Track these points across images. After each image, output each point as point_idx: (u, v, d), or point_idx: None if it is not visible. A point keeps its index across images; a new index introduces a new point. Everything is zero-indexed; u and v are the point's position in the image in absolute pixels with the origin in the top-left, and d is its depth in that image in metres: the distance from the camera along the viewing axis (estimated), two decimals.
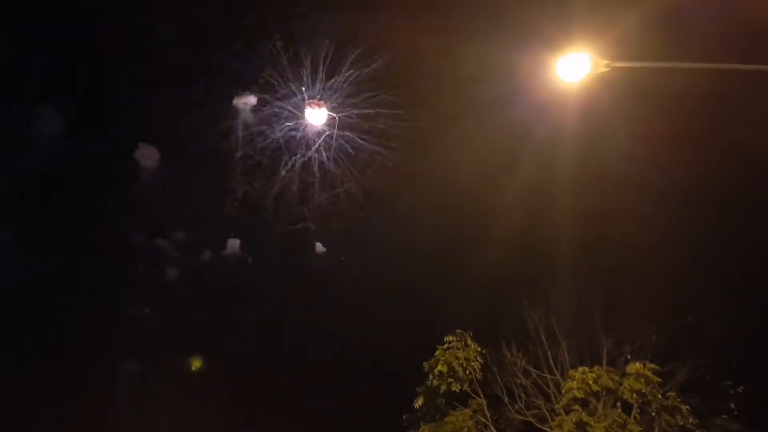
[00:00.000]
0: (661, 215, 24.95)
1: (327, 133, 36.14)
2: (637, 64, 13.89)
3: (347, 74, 35.56)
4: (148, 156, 36.13)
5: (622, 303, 22.62)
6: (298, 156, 35.96)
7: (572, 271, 24.37)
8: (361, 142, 35.80)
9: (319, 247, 35.97)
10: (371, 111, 35.53)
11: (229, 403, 31.40)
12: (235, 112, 35.81)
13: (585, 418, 19.52)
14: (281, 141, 35.84)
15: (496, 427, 21.82)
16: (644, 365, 20.05)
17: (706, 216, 24.15)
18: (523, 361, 22.67)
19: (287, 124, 35.64)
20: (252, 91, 35.96)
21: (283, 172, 36.03)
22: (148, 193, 36.05)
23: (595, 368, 20.50)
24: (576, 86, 13.19)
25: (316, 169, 35.74)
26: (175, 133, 35.45)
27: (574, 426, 19.40)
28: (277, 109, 35.75)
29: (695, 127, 23.22)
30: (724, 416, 21.27)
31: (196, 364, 32.20)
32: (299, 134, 35.92)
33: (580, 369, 20.43)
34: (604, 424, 19.29)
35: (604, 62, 12.80)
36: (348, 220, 35.12)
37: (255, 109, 35.62)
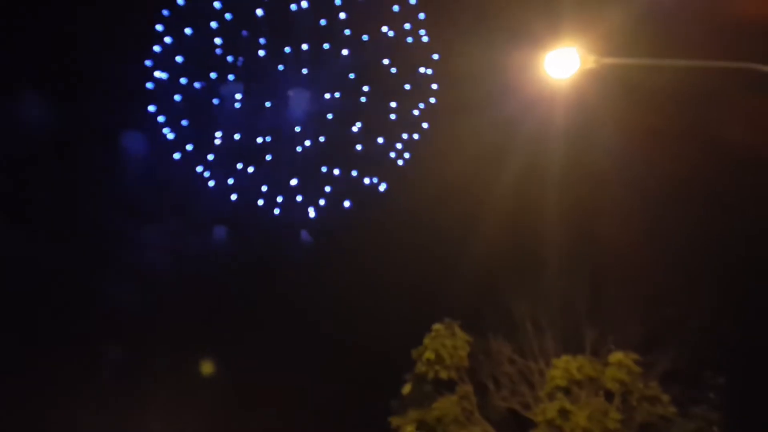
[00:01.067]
0: (646, 209, 25.40)
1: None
2: (626, 61, 14.07)
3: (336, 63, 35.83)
4: (130, 141, 36.17)
5: (606, 294, 22.99)
6: (288, 144, 36.05)
7: (558, 263, 24.77)
8: None
9: (306, 235, 36.05)
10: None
11: (214, 388, 31.38)
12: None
13: (568, 405, 19.88)
14: (270, 129, 36.04)
15: (481, 414, 22.14)
16: (626, 355, 20.44)
17: (689, 210, 24.61)
18: (509, 350, 23.01)
19: (271, 112, 35.92)
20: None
21: (274, 159, 36.14)
22: (131, 178, 35.89)
23: (579, 357, 20.88)
24: (564, 82, 13.35)
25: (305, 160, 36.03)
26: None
27: (557, 413, 19.76)
28: (259, 98, 36.04)
29: (681, 123, 23.61)
30: (704, 406, 21.64)
31: (207, 368, 31.72)
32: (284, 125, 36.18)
33: (564, 358, 20.80)
34: (586, 412, 19.64)
35: (593, 58, 12.98)
36: (336, 211, 35.41)
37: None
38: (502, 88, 23.74)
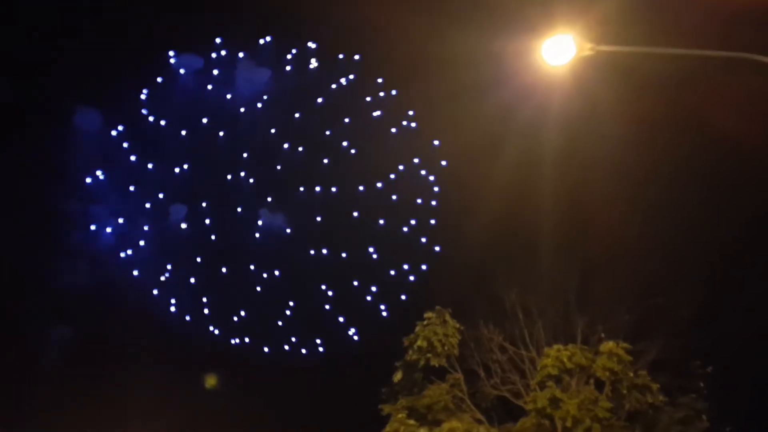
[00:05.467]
0: (636, 200, 25.42)
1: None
2: (622, 48, 13.96)
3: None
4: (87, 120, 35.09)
5: (596, 283, 23.06)
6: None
7: (550, 252, 24.79)
8: None
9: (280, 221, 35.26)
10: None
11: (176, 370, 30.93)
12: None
13: (558, 394, 19.92)
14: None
15: (472, 401, 22.22)
16: (617, 344, 20.51)
17: (680, 199, 24.63)
18: (500, 338, 23.06)
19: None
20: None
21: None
22: (85, 159, 34.90)
23: (570, 346, 20.92)
24: (560, 69, 13.26)
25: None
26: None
27: (548, 402, 19.79)
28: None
29: (675, 110, 23.57)
30: (692, 395, 21.80)
31: (210, 382, 31.27)
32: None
33: (555, 347, 20.84)
34: (577, 400, 19.68)
35: (589, 45, 12.87)
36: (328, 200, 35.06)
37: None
38: (498, 75, 23.59)
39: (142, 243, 34.37)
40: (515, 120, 25.25)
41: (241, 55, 35.50)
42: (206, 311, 33.62)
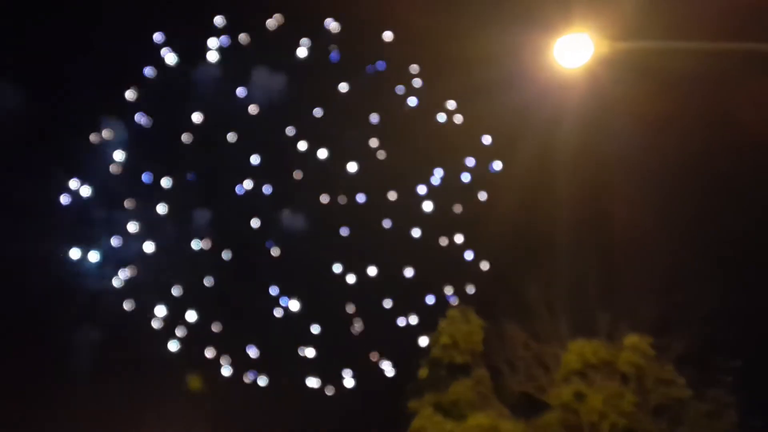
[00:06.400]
0: (658, 193, 25.30)
1: None
2: (640, 45, 13.94)
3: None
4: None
5: (619, 278, 23.03)
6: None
7: (571, 247, 24.78)
8: None
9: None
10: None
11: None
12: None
13: (583, 389, 20.03)
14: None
15: (497, 397, 22.36)
16: (641, 338, 20.50)
17: (701, 193, 24.47)
18: (524, 334, 23.12)
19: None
20: None
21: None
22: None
23: (593, 341, 20.97)
24: (577, 68, 13.30)
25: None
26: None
27: (572, 397, 19.92)
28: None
29: (694, 107, 23.44)
30: (719, 389, 21.62)
31: (194, 383, 29.68)
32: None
33: (579, 342, 20.90)
34: (602, 395, 19.77)
35: (606, 42, 12.90)
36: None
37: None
38: (514, 74, 23.61)
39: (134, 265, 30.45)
40: (533, 118, 25.27)
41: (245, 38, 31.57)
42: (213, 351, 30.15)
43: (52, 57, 29.88)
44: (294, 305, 30.48)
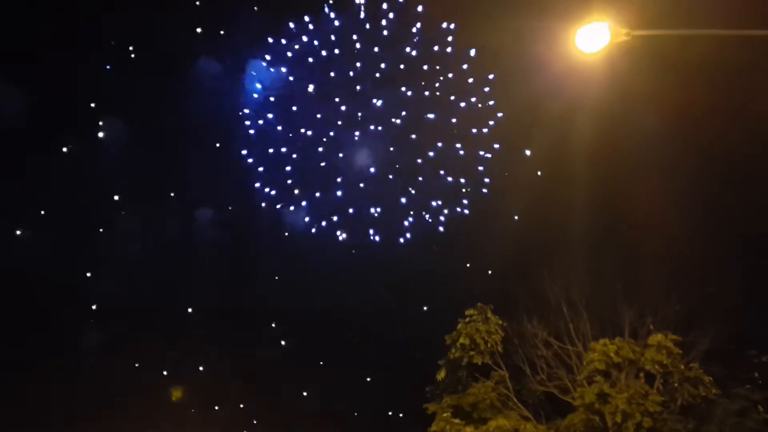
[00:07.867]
0: (681, 186, 24.75)
1: None
2: (658, 32, 13.61)
3: None
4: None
5: (642, 274, 22.49)
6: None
7: (593, 243, 24.29)
8: None
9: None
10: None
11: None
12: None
13: (606, 389, 19.51)
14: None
15: (518, 398, 21.91)
16: (665, 336, 19.97)
17: (727, 187, 23.92)
18: (544, 333, 22.66)
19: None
20: None
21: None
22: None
23: (617, 340, 20.46)
24: (596, 56, 13.00)
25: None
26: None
27: (596, 397, 19.40)
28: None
29: (713, 95, 22.89)
30: (747, 386, 21.03)
31: (176, 394, 31.55)
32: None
33: (602, 341, 20.37)
34: (626, 394, 19.23)
35: (624, 31, 12.59)
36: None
37: None
38: (533, 63, 23.22)
39: None
40: (551, 109, 24.86)
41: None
42: None
43: None
44: None
